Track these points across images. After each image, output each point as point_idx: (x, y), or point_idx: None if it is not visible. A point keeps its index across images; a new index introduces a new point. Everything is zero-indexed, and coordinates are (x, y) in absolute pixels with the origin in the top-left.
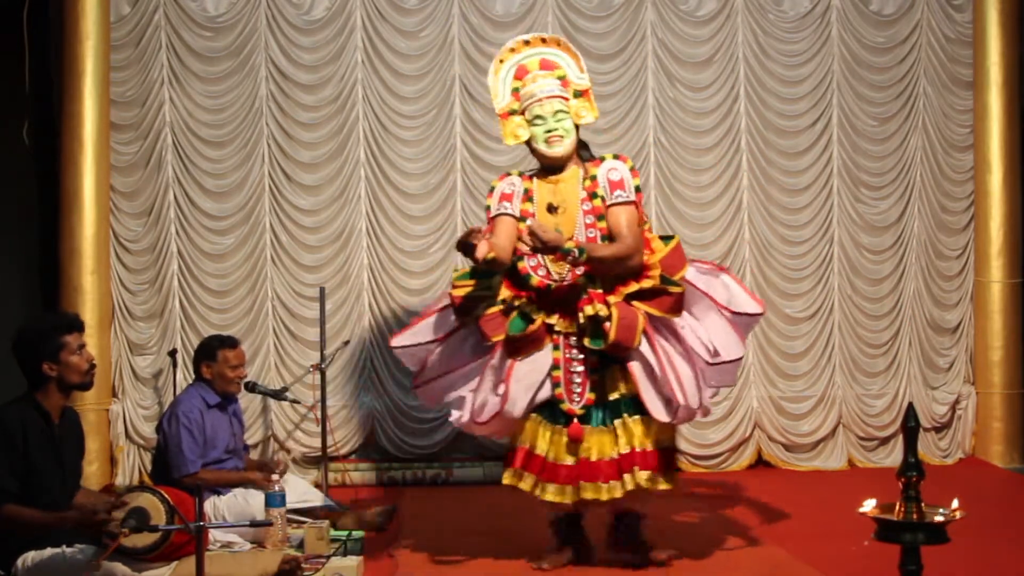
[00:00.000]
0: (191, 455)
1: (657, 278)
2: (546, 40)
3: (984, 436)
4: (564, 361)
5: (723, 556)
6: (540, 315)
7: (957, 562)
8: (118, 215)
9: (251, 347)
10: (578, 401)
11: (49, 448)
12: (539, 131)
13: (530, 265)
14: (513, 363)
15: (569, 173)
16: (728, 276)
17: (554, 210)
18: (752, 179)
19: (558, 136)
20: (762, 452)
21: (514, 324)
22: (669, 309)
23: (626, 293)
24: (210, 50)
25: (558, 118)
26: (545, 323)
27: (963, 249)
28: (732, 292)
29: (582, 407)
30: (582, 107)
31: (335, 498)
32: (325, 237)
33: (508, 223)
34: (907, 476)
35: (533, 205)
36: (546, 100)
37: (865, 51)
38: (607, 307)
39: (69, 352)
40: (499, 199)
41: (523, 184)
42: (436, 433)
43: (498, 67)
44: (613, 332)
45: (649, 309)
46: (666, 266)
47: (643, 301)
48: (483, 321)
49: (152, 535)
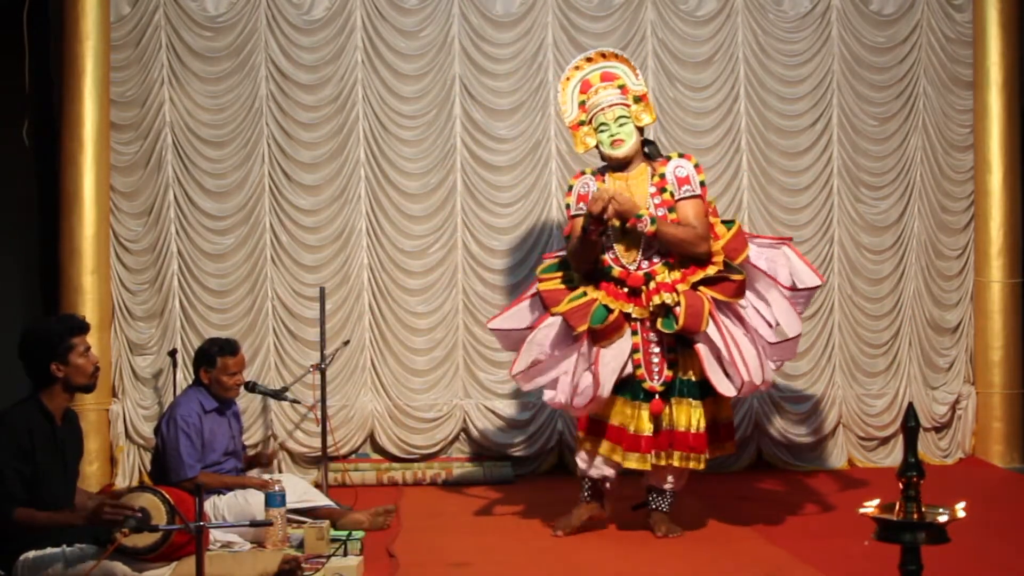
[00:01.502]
0: (189, 459)
1: (721, 264)
2: (605, 55)
3: (984, 436)
4: (643, 344)
5: (723, 556)
6: (618, 305)
7: (957, 562)
8: (118, 215)
9: (251, 347)
10: (658, 379)
11: (53, 450)
12: (604, 136)
13: (610, 258)
14: (599, 350)
15: (637, 170)
16: (789, 248)
17: None
18: (752, 179)
19: (620, 140)
20: (762, 452)
21: (596, 315)
22: (733, 294)
23: (693, 280)
24: (210, 50)
25: (620, 123)
26: (623, 312)
27: (963, 249)
28: (793, 265)
29: (662, 384)
30: (642, 111)
31: (335, 498)
32: (325, 237)
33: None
34: (907, 476)
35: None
36: (608, 108)
37: (865, 51)
38: (676, 295)
39: (77, 354)
40: (577, 199)
41: (596, 183)
42: (436, 433)
43: (565, 85)
44: (682, 318)
45: (714, 294)
46: (729, 250)
47: (708, 287)
48: (569, 313)
49: (152, 535)
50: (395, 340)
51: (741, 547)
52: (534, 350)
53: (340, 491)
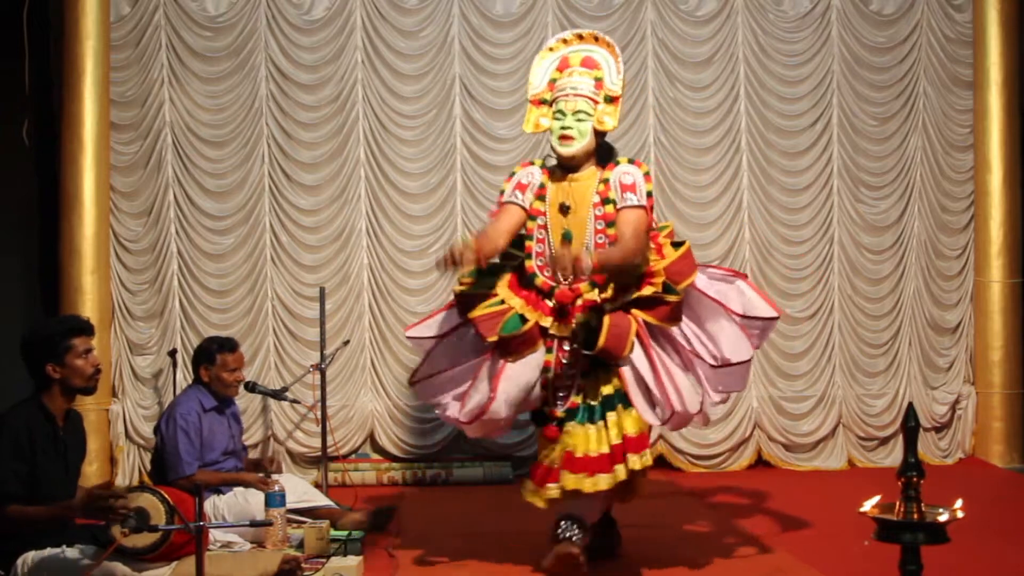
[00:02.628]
0: (188, 457)
1: (659, 285)
2: (598, 39)
3: (984, 436)
4: (556, 364)
5: (723, 556)
6: (535, 315)
7: (957, 562)
8: (118, 215)
9: (251, 347)
10: (561, 404)
11: (54, 451)
12: (556, 125)
13: (537, 264)
14: (505, 364)
15: (586, 174)
16: (744, 282)
17: (566, 210)
18: (752, 179)
19: (570, 136)
20: (762, 452)
21: (509, 324)
22: (666, 318)
23: (624, 300)
24: (210, 50)
25: (578, 118)
26: (539, 325)
27: (963, 249)
28: (747, 297)
29: (564, 410)
30: (606, 113)
31: (335, 498)
32: (325, 237)
33: (515, 212)
34: (907, 476)
35: (545, 204)
36: (572, 97)
37: (865, 51)
38: (599, 315)
39: (75, 355)
40: (514, 187)
41: (541, 178)
42: (436, 433)
43: (545, 55)
44: (602, 339)
45: (647, 317)
46: (673, 272)
47: (641, 309)
48: (480, 320)
49: (152, 535)
50: (395, 340)
51: (741, 547)
52: (439, 362)
53: (340, 491)
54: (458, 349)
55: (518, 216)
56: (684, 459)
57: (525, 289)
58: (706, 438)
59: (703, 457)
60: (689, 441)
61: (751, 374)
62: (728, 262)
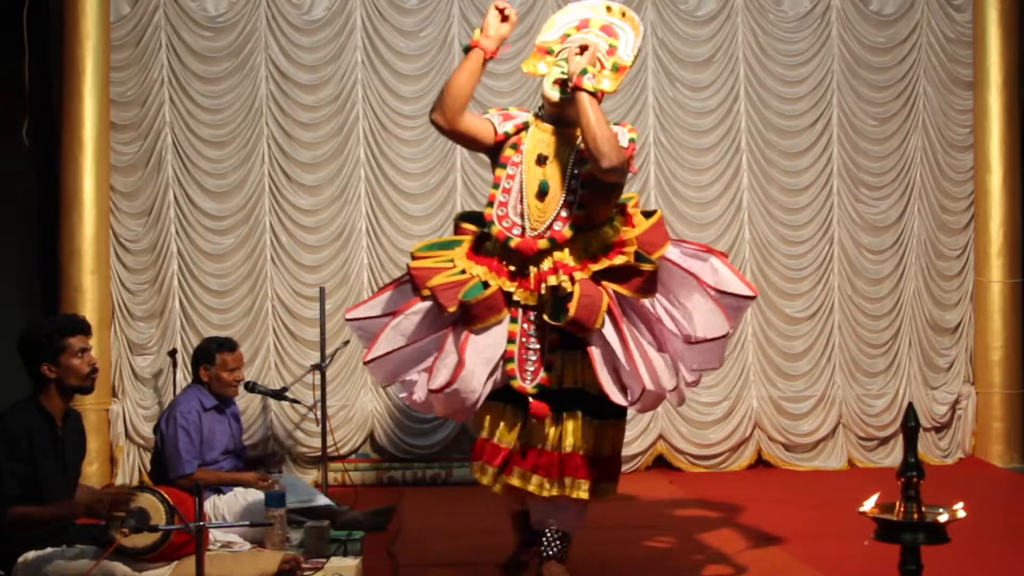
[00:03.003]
0: (187, 456)
1: (631, 255)
2: (625, 15)
3: (984, 436)
4: (521, 335)
5: (723, 556)
6: (499, 281)
7: (957, 562)
8: (118, 215)
9: (251, 347)
10: (530, 380)
11: (53, 451)
12: (555, 70)
13: (497, 214)
14: (469, 334)
15: (571, 131)
16: (717, 259)
17: (543, 161)
18: (752, 179)
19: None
20: (762, 452)
21: (471, 290)
22: (639, 289)
23: (595, 270)
24: (210, 50)
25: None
26: (503, 291)
27: (963, 249)
28: (720, 274)
29: (535, 386)
30: (607, 77)
31: (335, 498)
32: (325, 237)
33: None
34: (907, 476)
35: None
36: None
37: (865, 51)
38: (572, 282)
39: (70, 355)
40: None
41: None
42: (436, 433)
43: (567, 11)
44: (573, 309)
45: (619, 289)
46: (644, 243)
47: (613, 280)
48: (439, 289)
49: (152, 535)
50: None
51: (741, 547)
52: (396, 339)
53: (340, 491)
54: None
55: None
56: (684, 459)
57: (486, 257)
58: (706, 438)
59: (703, 457)
60: (689, 441)
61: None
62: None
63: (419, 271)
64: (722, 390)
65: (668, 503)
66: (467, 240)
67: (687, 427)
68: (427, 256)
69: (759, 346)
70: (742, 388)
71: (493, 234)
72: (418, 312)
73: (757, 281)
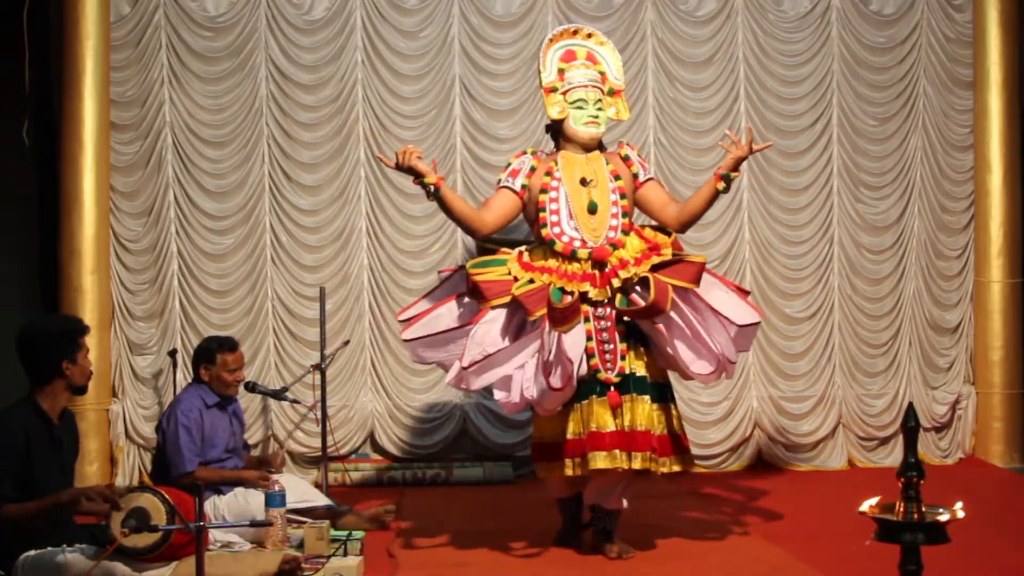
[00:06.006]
0: (188, 454)
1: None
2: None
3: (984, 436)
4: (595, 333)
5: (723, 556)
6: (573, 285)
7: (957, 562)
8: (118, 215)
9: (251, 347)
10: (611, 369)
11: (50, 451)
12: (581, 114)
13: (554, 232)
14: (560, 336)
15: (594, 155)
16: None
17: (587, 183)
18: (752, 179)
19: (597, 121)
20: (762, 452)
21: (555, 294)
22: (691, 279)
23: (655, 262)
24: (210, 50)
25: (599, 106)
26: (580, 293)
27: (963, 249)
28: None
29: (617, 375)
30: (615, 105)
31: (335, 498)
32: (325, 237)
33: (504, 196)
34: (907, 476)
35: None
36: (590, 88)
37: (865, 51)
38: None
39: (83, 355)
40: (508, 173)
41: (532, 162)
42: (436, 433)
43: (549, 45)
44: (652, 293)
45: (672, 280)
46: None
47: (666, 273)
48: (524, 296)
49: (152, 535)
50: (395, 340)
51: (741, 547)
52: (476, 349)
53: (340, 491)
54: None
55: (508, 198)
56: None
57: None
58: (706, 438)
59: (703, 457)
60: (690, 441)
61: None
62: (728, 262)
63: (488, 283)
64: (722, 390)
65: (668, 503)
66: (512, 257)
67: (687, 427)
68: (487, 271)
69: (759, 346)
70: (742, 388)
71: (559, 249)
72: (492, 321)
73: (757, 281)
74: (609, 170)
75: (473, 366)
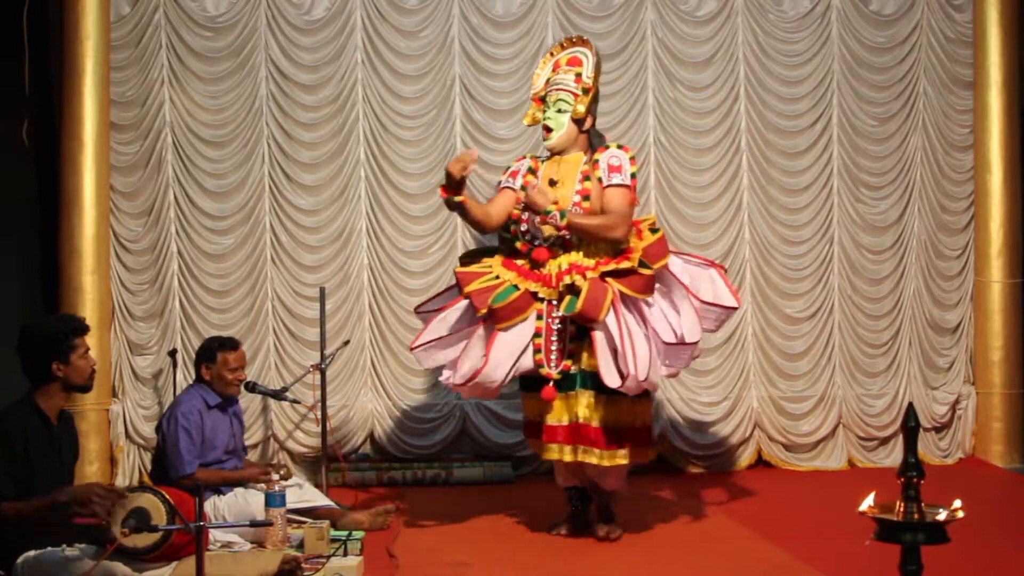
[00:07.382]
0: (188, 455)
1: (635, 261)
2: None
3: (984, 436)
4: (546, 330)
5: (723, 556)
6: (526, 284)
7: (957, 562)
8: (118, 215)
9: (251, 347)
10: (555, 366)
11: (49, 451)
12: (542, 118)
13: (520, 229)
14: (496, 332)
15: (573, 156)
16: (717, 272)
17: (554, 183)
18: (752, 179)
19: (548, 127)
20: (762, 452)
21: (501, 294)
22: (640, 289)
23: (603, 270)
24: (210, 50)
25: (558, 108)
26: (530, 292)
27: (963, 249)
28: (717, 286)
29: (559, 372)
30: (581, 102)
31: (335, 498)
32: (325, 237)
33: (505, 195)
34: (907, 476)
35: (536, 178)
36: (556, 91)
37: (865, 51)
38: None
39: (78, 355)
40: (508, 175)
41: (529, 163)
42: (436, 433)
43: (547, 59)
44: (580, 303)
45: (621, 287)
46: (649, 254)
47: (617, 279)
48: (475, 294)
49: (152, 535)
50: (395, 340)
51: (741, 547)
52: (440, 328)
53: (340, 491)
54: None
55: (509, 198)
56: (684, 459)
57: (515, 263)
58: (706, 438)
59: (703, 457)
60: (689, 441)
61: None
62: (728, 262)
63: (463, 274)
64: (722, 390)
65: (668, 503)
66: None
67: (687, 427)
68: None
69: (759, 346)
70: (742, 388)
71: (518, 247)
72: (459, 308)
73: (757, 281)
74: (582, 171)
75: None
